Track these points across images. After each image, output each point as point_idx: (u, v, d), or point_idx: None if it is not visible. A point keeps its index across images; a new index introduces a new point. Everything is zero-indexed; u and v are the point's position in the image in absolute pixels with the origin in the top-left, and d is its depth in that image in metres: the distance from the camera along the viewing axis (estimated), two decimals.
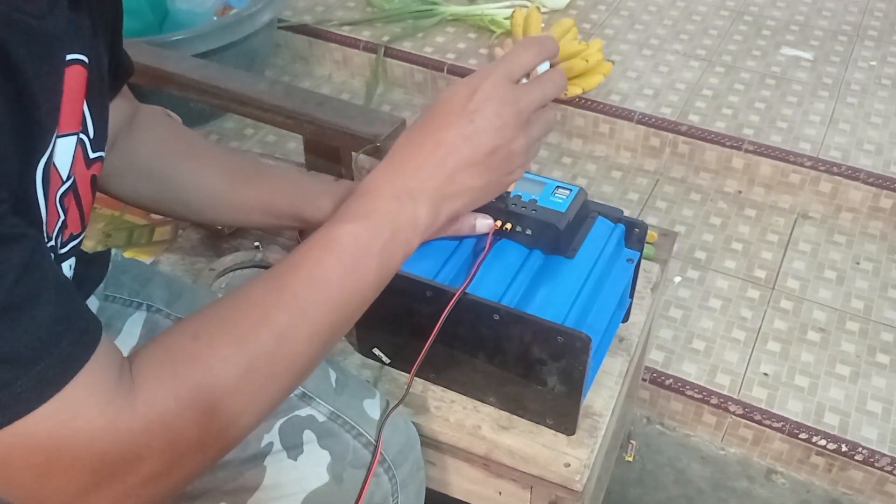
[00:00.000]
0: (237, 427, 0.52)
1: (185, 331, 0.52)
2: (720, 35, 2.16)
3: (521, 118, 0.60)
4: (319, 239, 0.56)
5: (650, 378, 1.43)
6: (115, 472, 0.47)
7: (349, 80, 2.19)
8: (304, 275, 0.55)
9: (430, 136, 0.60)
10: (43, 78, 0.50)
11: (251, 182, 0.79)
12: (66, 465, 0.45)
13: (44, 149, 0.51)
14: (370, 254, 0.56)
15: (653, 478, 1.40)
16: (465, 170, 0.60)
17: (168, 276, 0.87)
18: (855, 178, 1.71)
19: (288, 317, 0.53)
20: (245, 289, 0.55)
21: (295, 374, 0.55)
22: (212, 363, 0.50)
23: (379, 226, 0.57)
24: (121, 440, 0.46)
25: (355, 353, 0.85)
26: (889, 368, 1.45)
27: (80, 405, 0.45)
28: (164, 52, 1.24)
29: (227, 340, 0.51)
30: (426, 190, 0.59)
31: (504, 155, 0.60)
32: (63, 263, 0.62)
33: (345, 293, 0.56)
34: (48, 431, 0.44)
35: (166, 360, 0.50)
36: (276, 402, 0.55)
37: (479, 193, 0.62)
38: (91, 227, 1.09)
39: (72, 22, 0.55)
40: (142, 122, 0.79)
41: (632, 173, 1.88)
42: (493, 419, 0.78)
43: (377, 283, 0.58)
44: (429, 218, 0.59)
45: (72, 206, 0.60)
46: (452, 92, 0.60)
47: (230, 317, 0.53)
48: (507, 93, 0.60)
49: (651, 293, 0.92)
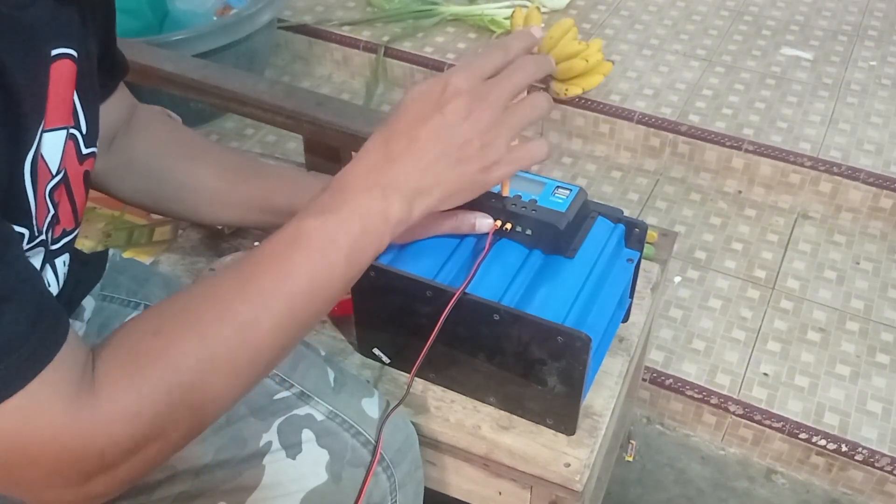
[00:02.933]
0: (199, 419, 0.52)
1: (146, 326, 0.52)
2: (720, 35, 2.16)
3: (494, 111, 0.59)
4: (287, 233, 0.56)
5: (650, 378, 1.43)
6: (77, 466, 0.48)
7: (349, 80, 2.19)
8: (269, 268, 0.54)
9: (402, 131, 0.59)
10: (25, 70, 0.49)
11: (250, 180, 0.79)
12: (31, 458, 0.46)
13: (30, 142, 0.51)
14: (338, 248, 0.56)
15: (653, 478, 1.40)
16: (437, 164, 0.59)
17: (166, 276, 0.87)
18: (855, 178, 1.71)
19: (251, 310, 0.53)
20: (209, 281, 0.54)
21: (259, 366, 0.54)
22: (173, 359, 0.50)
23: (348, 220, 0.56)
24: (81, 437, 0.47)
25: (355, 353, 0.84)
26: (889, 368, 1.45)
27: (43, 402, 0.46)
28: (164, 52, 1.24)
29: (188, 335, 0.51)
30: (397, 184, 0.58)
31: (476, 148, 0.59)
32: (56, 259, 0.62)
33: (312, 287, 0.55)
34: (12, 426, 0.45)
35: (127, 356, 0.50)
36: (239, 395, 0.55)
37: (453, 188, 0.60)
38: (91, 227, 1.09)
39: (58, 15, 0.55)
40: (140, 122, 0.79)
41: (632, 173, 1.88)
42: (493, 419, 0.78)
43: (346, 277, 0.57)
44: (401, 213, 0.58)
45: (63, 200, 0.60)
46: (424, 87, 0.60)
47: (192, 310, 0.52)
48: (478, 87, 0.59)
49: (651, 293, 0.92)
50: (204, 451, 0.69)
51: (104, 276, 0.78)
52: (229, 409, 0.55)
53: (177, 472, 0.69)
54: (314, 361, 0.77)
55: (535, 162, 0.63)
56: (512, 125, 0.60)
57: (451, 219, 0.74)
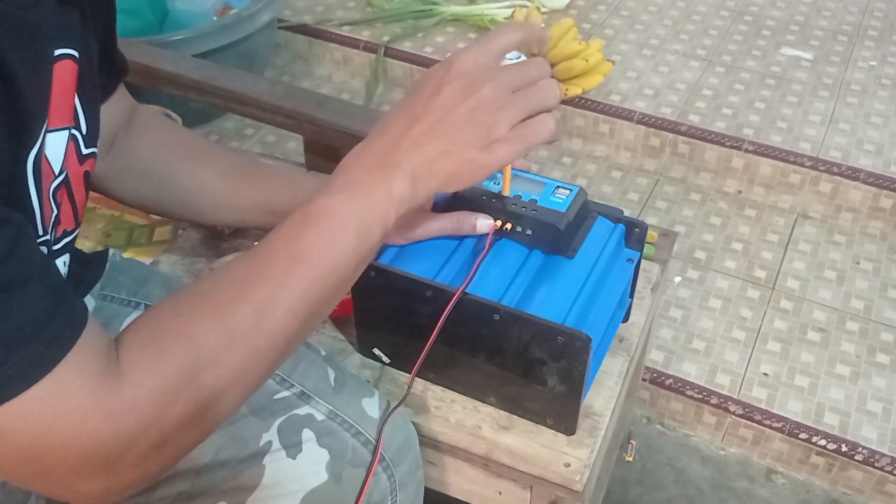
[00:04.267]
0: (222, 403, 0.52)
1: (166, 309, 0.53)
2: (720, 35, 2.16)
3: (496, 92, 0.59)
4: (297, 215, 0.56)
5: (650, 378, 1.43)
6: (107, 451, 0.47)
7: (349, 80, 2.19)
8: (281, 250, 0.55)
9: (405, 112, 0.60)
10: (29, 69, 0.50)
11: (251, 181, 0.79)
12: (58, 445, 0.46)
13: (33, 142, 0.51)
14: (347, 227, 0.56)
15: (653, 478, 1.40)
16: (437, 140, 0.58)
17: (166, 275, 0.87)
18: (855, 178, 1.71)
19: (267, 291, 0.53)
20: (226, 267, 0.55)
21: (277, 349, 0.55)
22: (194, 338, 0.51)
23: (353, 199, 0.57)
24: (111, 420, 0.47)
25: (355, 353, 0.84)
26: (889, 368, 1.45)
27: (69, 386, 0.45)
28: (164, 52, 1.24)
29: (207, 314, 0.52)
30: (399, 163, 0.58)
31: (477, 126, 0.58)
32: (57, 260, 0.62)
33: (323, 267, 0.55)
34: (39, 413, 0.45)
35: (150, 338, 0.50)
36: (259, 379, 0.55)
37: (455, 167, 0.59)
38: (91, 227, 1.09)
39: (60, 15, 0.55)
40: (141, 123, 0.79)
41: (632, 173, 1.88)
42: (493, 419, 0.78)
43: (356, 257, 0.57)
44: (404, 190, 0.58)
45: (65, 201, 0.60)
46: (430, 70, 0.61)
47: (211, 293, 0.53)
48: (482, 69, 0.59)
49: (651, 293, 0.92)
50: (204, 451, 0.69)
51: (104, 275, 0.78)
52: (249, 398, 0.56)
53: (177, 471, 0.69)
54: (314, 361, 0.77)
55: (541, 140, 0.61)
56: (517, 107, 0.60)
57: (452, 219, 0.74)
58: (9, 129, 0.48)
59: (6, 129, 0.47)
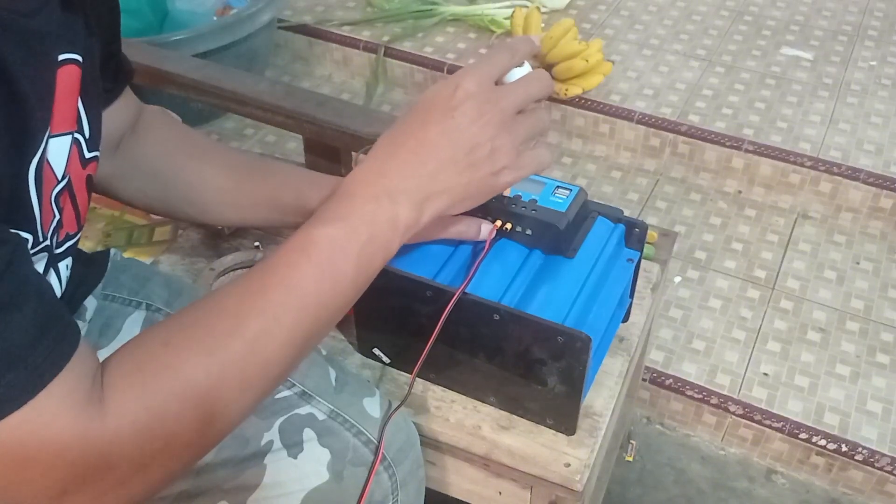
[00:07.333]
0: (210, 435, 0.51)
1: (155, 338, 0.51)
2: (720, 35, 2.17)
3: (504, 116, 0.59)
4: (295, 242, 0.55)
5: (650, 378, 1.43)
6: (86, 479, 0.47)
7: (349, 80, 2.19)
8: (278, 279, 0.53)
9: (412, 134, 0.59)
10: (33, 76, 0.49)
11: (256, 178, 0.79)
12: (38, 471, 0.45)
13: (35, 148, 0.51)
14: (347, 257, 0.55)
15: (653, 478, 1.41)
16: (447, 168, 0.58)
17: (167, 275, 0.87)
18: (855, 178, 1.71)
19: (261, 323, 0.52)
20: (219, 294, 0.54)
21: (268, 380, 0.54)
22: (182, 371, 0.49)
23: (356, 228, 0.56)
24: (91, 449, 0.46)
25: (355, 353, 0.85)
26: (889, 368, 1.45)
27: (51, 414, 0.45)
28: (164, 52, 1.24)
29: (198, 349, 0.50)
30: (406, 189, 0.57)
31: (486, 152, 0.59)
32: (59, 263, 0.62)
33: (321, 297, 0.54)
34: (20, 438, 0.44)
35: (136, 368, 0.49)
36: (250, 408, 0.54)
37: (463, 192, 0.60)
38: (91, 227, 1.09)
39: (64, 21, 0.55)
40: (146, 124, 0.79)
41: (632, 173, 1.88)
42: (493, 419, 0.78)
43: (355, 286, 0.57)
44: (410, 218, 0.58)
45: (67, 205, 0.60)
46: (434, 91, 0.59)
47: (202, 324, 0.52)
48: (489, 91, 0.59)
49: (651, 293, 0.92)
50: None
51: (106, 275, 0.78)
52: (239, 424, 0.54)
53: None
54: (315, 361, 0.77)
55: (541, 169, 0.63)
56: (519, 133, 0.60)
57: (458, 224, 0.74)
58: (11, 137, 0.47)
59: (9, 138, 0.47)
